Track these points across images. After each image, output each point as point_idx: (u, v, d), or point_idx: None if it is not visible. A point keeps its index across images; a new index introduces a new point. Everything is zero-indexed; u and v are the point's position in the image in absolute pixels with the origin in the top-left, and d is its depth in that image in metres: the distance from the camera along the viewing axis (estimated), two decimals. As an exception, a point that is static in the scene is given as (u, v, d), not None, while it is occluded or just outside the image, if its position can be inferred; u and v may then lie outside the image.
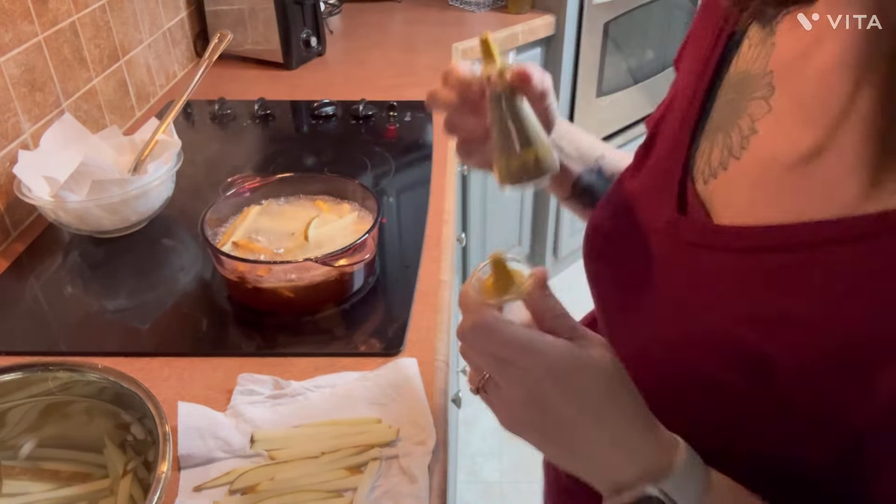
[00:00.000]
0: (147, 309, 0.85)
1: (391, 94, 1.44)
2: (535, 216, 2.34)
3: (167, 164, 0.99)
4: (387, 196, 1.08)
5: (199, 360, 0.76)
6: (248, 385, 0.71)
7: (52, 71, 1.08)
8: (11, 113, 0.99)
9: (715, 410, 0.41)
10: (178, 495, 0.61)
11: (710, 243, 0.41)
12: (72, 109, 1.14)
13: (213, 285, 0.89)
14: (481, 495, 1.79)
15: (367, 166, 1.18)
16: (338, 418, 0.68)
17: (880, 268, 0.33)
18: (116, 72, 1.29)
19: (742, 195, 0.41)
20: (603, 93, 2.13)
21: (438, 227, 0.99)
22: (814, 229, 0.36)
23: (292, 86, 1.54)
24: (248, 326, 0.82)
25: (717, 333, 0.40)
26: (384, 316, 0.82)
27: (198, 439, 0.65)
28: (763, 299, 0.38)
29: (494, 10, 1.99)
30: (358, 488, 0.61)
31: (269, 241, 0.86)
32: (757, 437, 0.40)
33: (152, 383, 0.71)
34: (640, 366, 0.43)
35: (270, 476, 0.62)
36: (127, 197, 0.93)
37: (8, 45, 0.98)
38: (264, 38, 1.61)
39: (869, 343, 0.33)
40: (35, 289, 0.89)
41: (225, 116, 1.38)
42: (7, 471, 0.63)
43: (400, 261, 0.93)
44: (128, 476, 0.62)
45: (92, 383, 0.62)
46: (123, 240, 0.99)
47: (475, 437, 1.95)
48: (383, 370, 0.73)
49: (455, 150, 0.59)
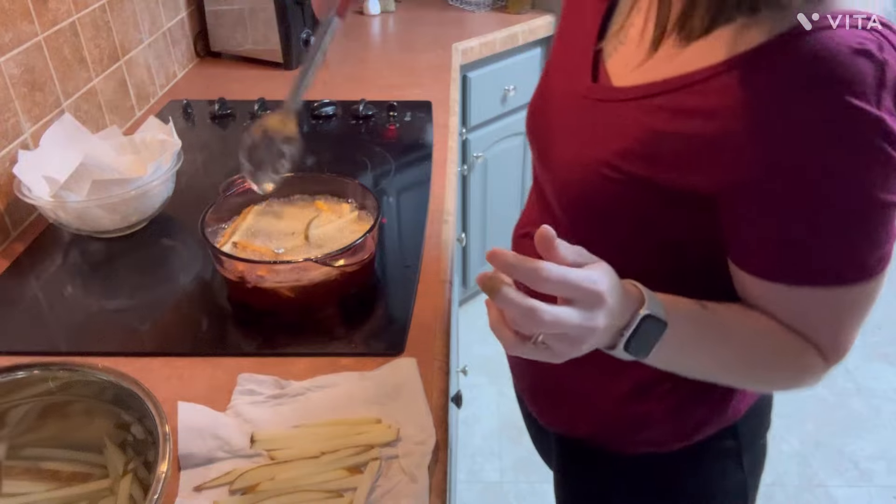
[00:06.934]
0: (147, 309, 0.85)
1: (391, 94, 1.44)
2: (535, 216, 2.34)
3: (167, 164, 0.99)
4: (387, 196, 1.08)
5: (199, 360, 0.76)
6: (248, 385, 0.71)
7: (52, 71, 1.08)
8: (11, 113, 0.99)
9: (612, 202, 0.61)
10: (178, 495, 0.61)
11: (608, 97, 0.62)
12: (72, 109, 1.14)
13: (213, 285, 0.89)
14: (481, 495, 1.79)
15: (367, 166, 1.18)
16: (338, 418, 0.68)
17: (704, 93, 0.53)
18: (116, 72, 1.29)
19: (627, 66, 0.62)
20: (603, 93, 2.13)
21: (438, 227, 0.99)
22: (665, 83, 0.56)
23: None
24: (248, 326, 0.82)
25: (611, 150, 0.59)
26: (384, 316, 0.82)
27: (198, 439, 0.65)
28: (638, 122, 0.58)
29: (494, 10, 1.99)
30: (358, 488, 0.61)
31: (268, 241, 0.86)
32: (645, 227, 0.60)
33: (152, 383, 0.71)
34: (563, 188, 0.66)
35: (270, 476, 0.62)
36: (127, 197, 0.93)
37: (8, 45, 0.98)
38: (264, 38, 1.61)
39: (694, 141, 0.54)
40: (35, 289, 0.89)
41: (225, 116, 1.38)
42: (7, 471, 0.63)
43: (400, 261, 0.93)
44: (128, 476, 0.62)
45: (92, 383, 0.62)
46: (123, 240, 0.99)
47: (475, 437, 1.95)
48: (383, 370, 0.73)
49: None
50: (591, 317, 0.47)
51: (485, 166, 2.00)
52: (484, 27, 1.85)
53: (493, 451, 1.91)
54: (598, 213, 0.63)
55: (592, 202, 0.63)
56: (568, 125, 0.67)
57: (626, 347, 0.52)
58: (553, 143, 0.68)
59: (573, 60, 0.68)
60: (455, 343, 1.12)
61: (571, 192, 0.65)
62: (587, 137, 0.63)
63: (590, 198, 0.63)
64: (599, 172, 0.60)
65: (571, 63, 0.68)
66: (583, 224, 0.66)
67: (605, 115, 0.62)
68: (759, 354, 0.59)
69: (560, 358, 0.50)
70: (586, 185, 0.62)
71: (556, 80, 0.71)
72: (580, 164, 0.63)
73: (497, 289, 0.45)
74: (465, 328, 2.11)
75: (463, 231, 2.07)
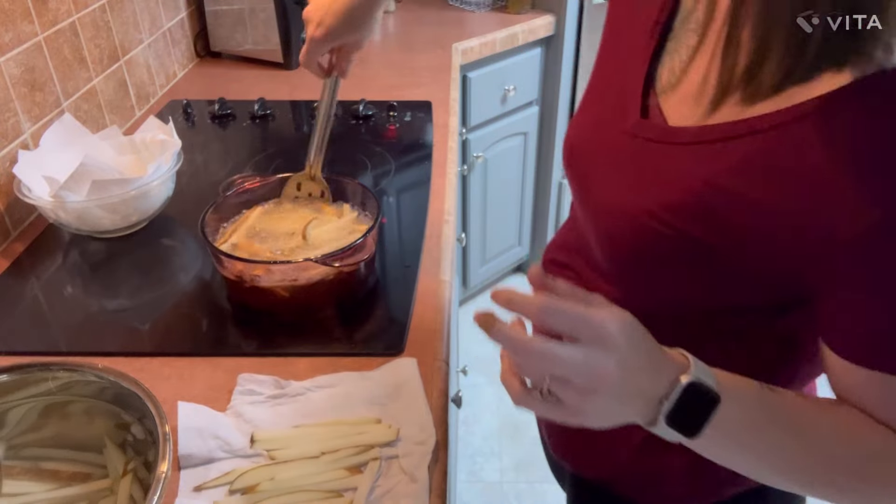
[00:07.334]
0: (147, 309, 0.85)
1: (391, 94, 1.44)
2: (535, 216, 2.34)
3: (167, 164, 0.99)
4: (387, 196, 1.08)
5: (199, 360, 0.76)
6: (248, 385, 0.71)
7: (52, 71, 1.08)
8: (11, 113, 0.99)
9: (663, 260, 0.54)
10: (178, 495, 0.61)
11: (661, 138, 0.55)
12: (72, 109, 1.14)
13: (213, 285, 0.89)
14: (481, 495, 1.79)
15: (367, 166, 1.18)
16: (338, 418, 0.68)
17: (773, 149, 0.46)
18: (116, 72, 1.29)
19: (685, 105, 0.55)
20: (603, 93, 2.13)
21: (438, 227, 0.99)
22: (726, 128, 0.50)
23: (292, 86, 1.54)
24: (248, 326, 0.82)
25: (661, 201, 0.53)
26: (384, 316, 0.82)
27: (198, 439, 0.65)
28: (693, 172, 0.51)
29: (494, 10, 1.99)
30: (358, 488, 0.61)
31: (268, 241, 0.86)
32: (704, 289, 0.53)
33: (152, 383, 0.71)
34: (609, 237, 0.59)
35: (270, 476, 0.62)
36: (127, 197, 0.93)
37: (8, 45, 0.98)
38: (264, 38, 1.61)
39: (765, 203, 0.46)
40: (35, 289, 0.89)
41: (225, 116, 1.38)
42: (7, 471, 0.63)
43: (400, 261, 0.93)
44: (128, 476, 0.62)
45: (92, 383, 0.62)
46: (123, 240, 0.99)
47: (475, 437, 1.95)
48: (383, 370, 0.73)
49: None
50: (598, 359, 0.42)
51: (485, 166, 2.00)
52: (484, 27, 1.85)
53: (493, 451, 1.91)
54: (643, 268, 0.57)
55: (636, 255, 0.56)
56: (610, 164, 0.60)
57: (670, 422, 0.45)
58: (593, 183, 0.62)
59: (618, 92, 0.61)
60: (455, 343, 1.12)
61: (614, 241, 0.59)
62: (633, 181, 0.56)
63: (634, 250, 0.56)
64: (647, 224, 0.54)
65: (616, 95, 0.61)
66: (627, 277, 0.59)
67: (656, 158, 0.55)
68: (846, 456, 0.48)
69: (574, 415, 0.44)
70: (631, 236, 0.56)
71: (598, 114, 0.64)
72: (624, 211, 0.56)
73: (492, 324, 0.43)
74: (465, 328, 2.11)
75: (463, 231, 2.07)
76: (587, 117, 0.66)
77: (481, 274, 2.27)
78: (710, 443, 0.46)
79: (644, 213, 0.54)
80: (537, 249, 2.42)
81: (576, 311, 0.42)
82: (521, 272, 2.51)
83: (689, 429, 0.45)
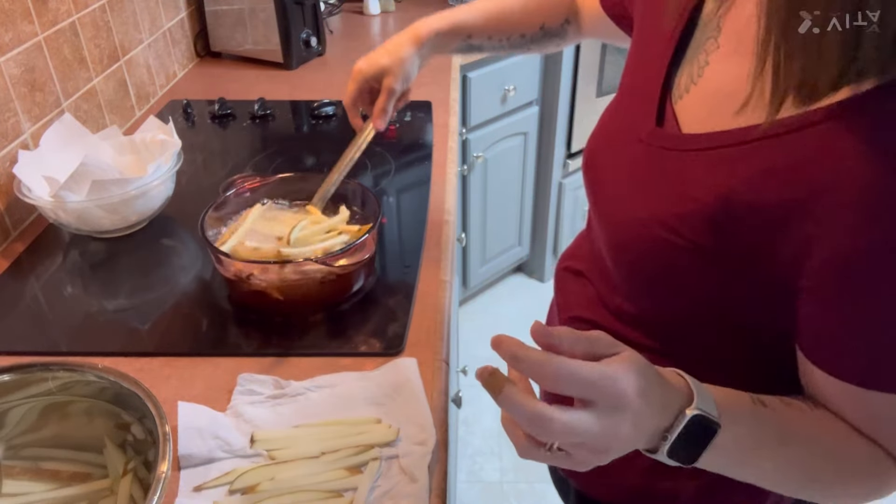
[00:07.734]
0: (147, 309, 0.85)
1: (391, 94, 1.44)
2: (535, 216, 2.34)
3: (167, 165, 0.99)
4: (387, 196, 1.08)
5: (199, 360, 0.76)
6: (248, 385, 0.71)
7: (52, 71, 1.08)
8: (11, 113, 0.99)
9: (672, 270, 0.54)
10: (178, 495, 0.61)
11: (673, 146, 0.55)
12: (72, 109, 1.14)
13: (213, 285, 0.89)
14: (481, 495, 1.79)
15: (367, 166, 1.18)
16: (338, 418, 0.68)
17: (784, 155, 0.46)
18: (116, 72, 1.29)
19: (700, 111, 0.54)
20: (603, 92, 2.13)
21: (438, 227, 0.99)
22: (738, 134, 0.49)
23: (292, 86, 1.54)
24: (248, 326, 0.82)
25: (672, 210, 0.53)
26: (384, 316, 0.82)
27: (198, 439, 0.65)
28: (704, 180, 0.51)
29: (494, 10, 1.99)
30: (358, 488, 0.61)
31: (258, 242, 0.85)
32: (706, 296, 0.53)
33: (152, 383, 0.71)
34: (618, 246, 0.59)
35: (270, 476, 0.62)
36: (127, 197, 0.93)
37: (8, 45, 0.98)
38: (264, 38, 1.61)
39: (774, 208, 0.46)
40: (35, 289, 0.89)
41: (225, 116, 1.38)
42: (7, 471, 0.63)
43: (400, 261, 0.93)
44: (128, 476, 0.62)
45: (92, 383, 0.62)
46: (123, 240, 0.99)
47: (475, 437, 1.95)
48: (383, 370, 0.73)
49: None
50: (613, 424, 0.41)
51: (484, 166, 2.01)
52: (484, 27, 1.85)
53: (493, 451, 1.91)
54: (653, 280, 0.56)
55: (647, 267, 0.56)
56: (624, 173, 0.59)
57: (671, 453, 0.45)
58: (606, 192, 0.62)
59: (638, 98, 0.60)
60: (455, 343, 1.12)
61: (624, 251, 0.58)
62: (645, 190, 0.56)
63: (645, 261, 0.55)
64: (657, 234, 0.53)
65: (635, 102, 0.61)
66: (636, 289, 0.59)
67: (669, 167, 0.54)
68: (828, 462, 0.50)
69: (584, 466, 0.44)
70: (641, 246, 0.55)
71: (617, 121, 0.64)
72: (635, 221, 0.56)
73: (499, 388, 0.39)
74: (465, 328, 2.11)
75: (463, 231, 2.07)
76: (608, 125, 0.66)
77: (481, 274, 2.27)
78: (703, 463, 0.47)
79: (653, 222, 0.54)
80: (537, 249, 2.42)
81: (588, 376, 0.41)
82: (520, 272, 2.51)
83: (690, 457, 0.46)
